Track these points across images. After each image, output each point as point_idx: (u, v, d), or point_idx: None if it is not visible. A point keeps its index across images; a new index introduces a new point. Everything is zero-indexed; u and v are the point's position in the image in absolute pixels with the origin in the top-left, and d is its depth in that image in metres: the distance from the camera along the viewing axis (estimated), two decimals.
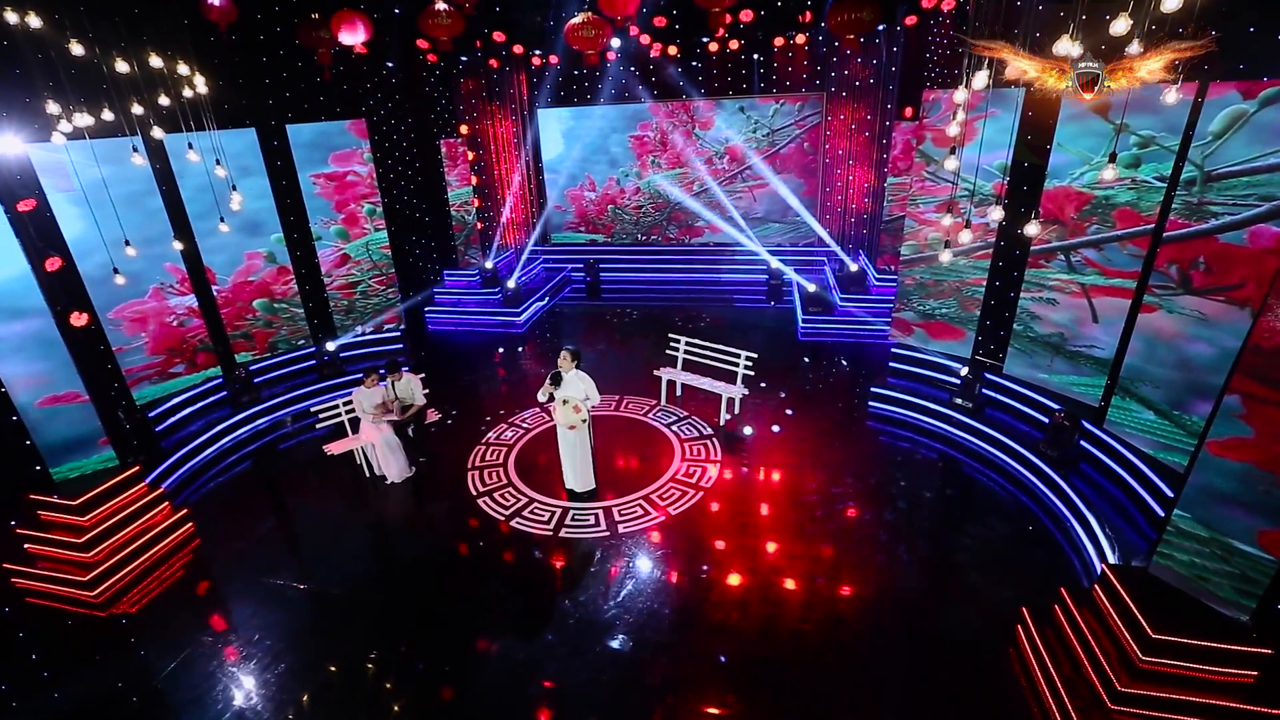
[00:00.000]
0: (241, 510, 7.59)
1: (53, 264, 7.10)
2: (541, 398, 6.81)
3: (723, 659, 5.16)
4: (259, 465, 8.46)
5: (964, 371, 7.99)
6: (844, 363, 10.58)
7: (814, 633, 5.37)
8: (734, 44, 12.67)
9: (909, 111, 10.84)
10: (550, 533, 6.72)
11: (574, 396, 6.77)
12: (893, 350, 9.05)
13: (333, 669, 5.25)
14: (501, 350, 11.96)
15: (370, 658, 5.34)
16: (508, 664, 5.22)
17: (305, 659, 5.36)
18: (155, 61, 5.70)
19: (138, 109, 6.00)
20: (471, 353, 12.02)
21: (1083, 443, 6.85)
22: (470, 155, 13.85)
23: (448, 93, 13.39)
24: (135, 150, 5.70)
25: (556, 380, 6.79)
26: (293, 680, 5.18)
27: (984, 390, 7.97)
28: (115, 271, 6.46)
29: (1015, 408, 7.83)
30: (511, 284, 13.18)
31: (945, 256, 5.37)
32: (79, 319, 7.20)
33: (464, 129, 13.68)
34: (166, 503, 7.12)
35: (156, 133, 5.91)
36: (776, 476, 7.55)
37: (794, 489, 7.29)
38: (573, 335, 12.71)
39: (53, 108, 5.35)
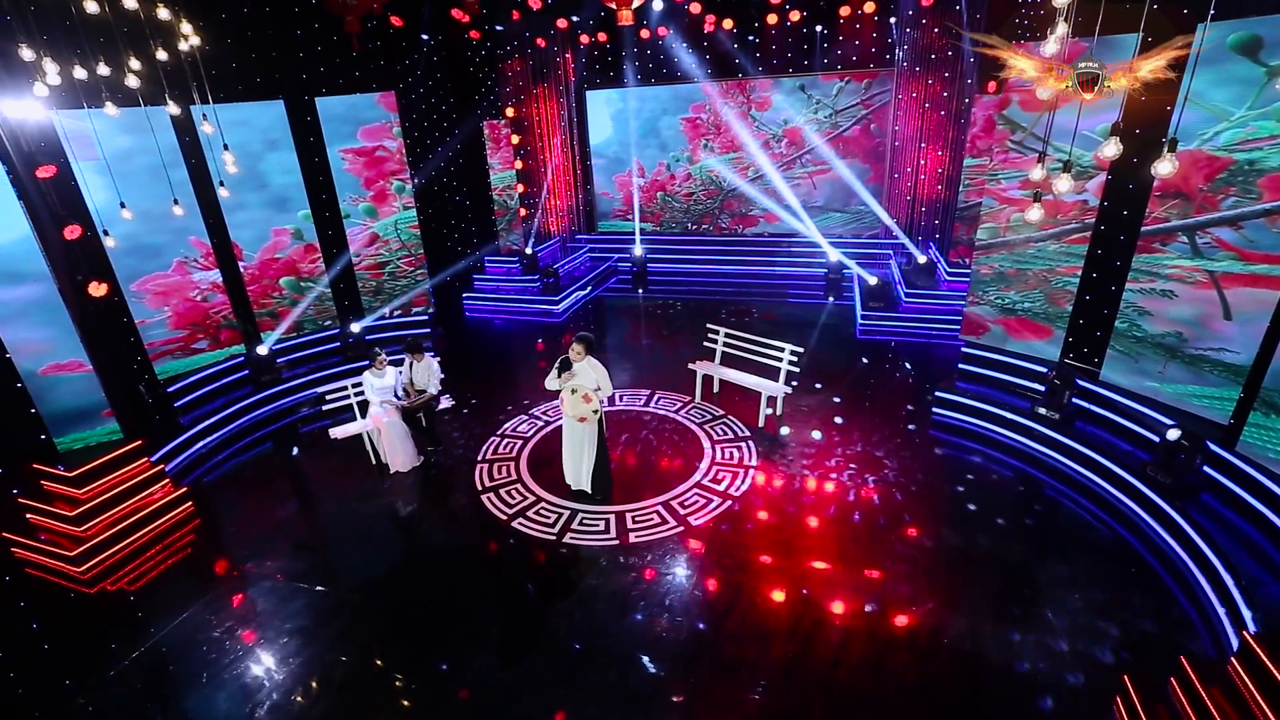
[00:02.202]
0: (244, 493, 7.29)
1: (72, 232, 6.99)
2: (551, 385, 6.14)
3: (734, 703, 4.28)
4: (272, 447, 8.17)
5: (1050, 376, 6.73)
6: (907, 365, 9.39)
7: (849, 681, 4.40)
8: (794, 15, 11.66)
9: (992, 86, 9.54)
10: (553, 537, 6.01)
11: (584, 385, 6.03)
12: (963, 350, 7.84)
13: (294, 673, 4.71)
14: (536, 340, 11.39)
15: (335, 663, 4.77)
16: (481, 686, 4.53)
17: (269, 659, 4.85)
18: (153, 14, 5.30)
19: (119, 65, 5.65)
20: (505, 341, 11.53)
21: (1206, 468, 5.53)
22: (515, 139, 13.40)
23: (493, 74, 12.99)
24: (108, 102, 5.34)
25: (566, 366, 6.09)
26: (252, 680, 4.67)
27: (1074, 399, 6.69)
28: (105, 234, 6.20)
29: (1114, 422, 6.53)
30: (552, 271, 12.59)
31: (1034, 214, 4.28)
32: (98, 288, 7.07)
33: (510, 111, 13.23)
34: (167, 480, 6.88)
35: (132, 81, 5.52)
36: (818, 488, 6.55)
37: (838, 504, 6.28)
38: (613, 327, 12.02)
39: (28, 54, 5.04)
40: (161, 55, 5.78)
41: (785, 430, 7.62)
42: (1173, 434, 5.59)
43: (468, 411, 8.55)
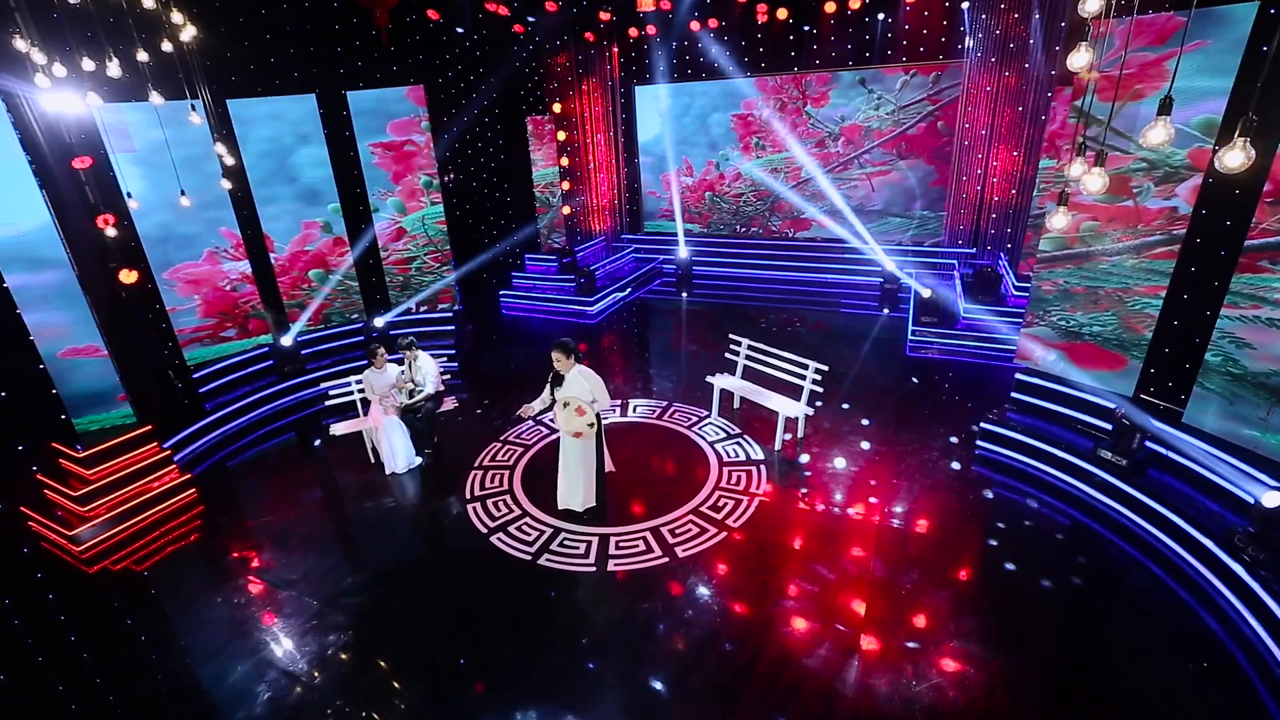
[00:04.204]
0: (245, 483, 7.37)
1: (106, 221, 7.22)
2: (533, 407, 5.76)
3: None
4: (282, 440, 8.19)
5: (1120, 414, 5.69)
6: (961, 387, 8.39)
7: None
8: (854, 2, 10.76)
9: (1078, 79, 8.37)
10: (529, 557, 5.60)
11: (576, 398, 5.58)
12: (1017, 377, 6.85)
13: (239, 678, 4.53)
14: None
15: (275, 679, 4.55)
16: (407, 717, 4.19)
17: (221, 666, 4.70)
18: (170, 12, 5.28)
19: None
20: (534, 342, 11.27)
21: None
22: (561, 135, 13.15)
23: (540, 68, 12.79)
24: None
25: (558, 381, 5.68)
26: (196, 678, 4.55)
27: (1149, 444, 5.63)
28: (107, 222, 6.31)
29: (1198, 474, 5.43)
30: (585, 272, 12.26)
31: (1058, 221, 3.47)
32: (129, 276, 7.29)
33: (556, 107, 12.99)
34: (174, 466, 6.99)
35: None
36: (831, 528, 5.82)
37: (851, 548, 5.54)
38: (649, 330, 11.54)
39: (21, 44, 5.11)
40: (167, 48, 5.77)
41: (804, 456, 6.91)
42: (1272, 498, 4.53)
43: (464, 416, 8.28)
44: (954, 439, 7.09)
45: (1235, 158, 2.27)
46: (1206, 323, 5.46)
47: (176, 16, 5.26)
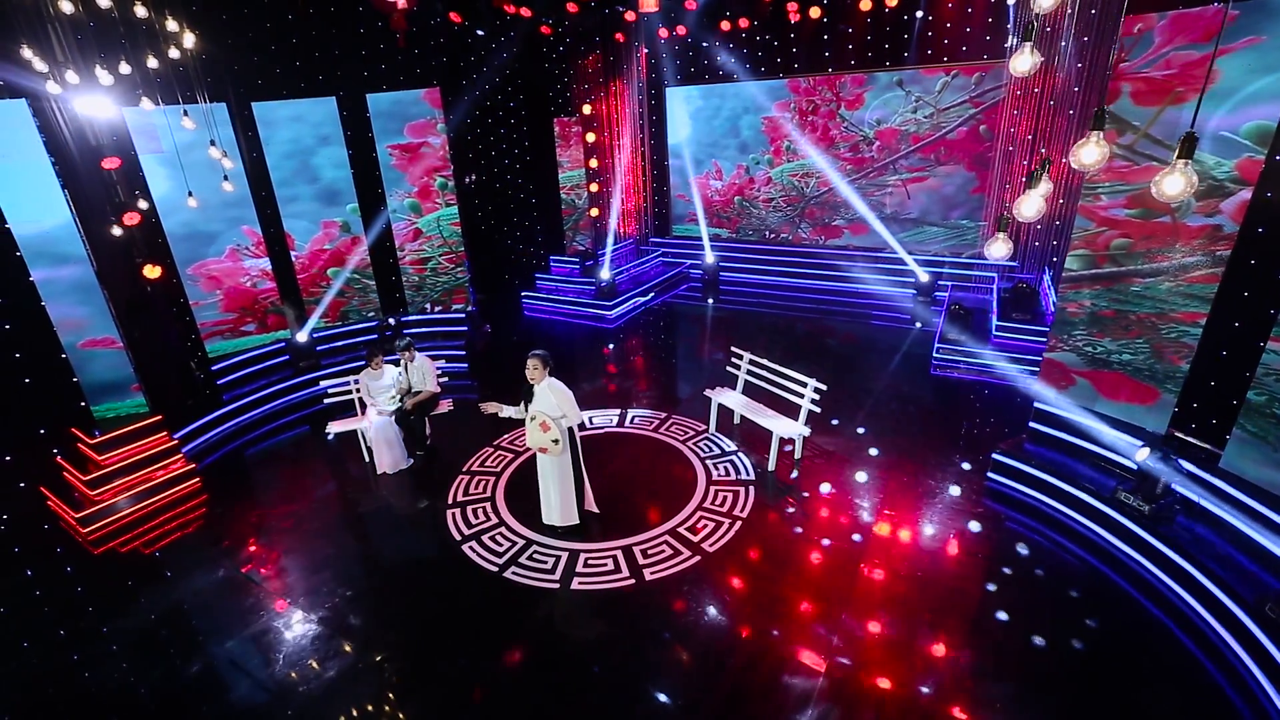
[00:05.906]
0: (245, 476, 7.55)
1: (131, 218, 7.56)
2: (502, 408, 5.63)
3: None
4: (288, 434, 8.35)
5: (1143, 455, 5.10)
6: (983, 411, 7.82)
7: None
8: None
9: (1114, 81, 7.64)
10: (496, 569, 5.49)
11: (544, 412, 5.42)
12: (1035, 405, 6.28)
13: (187, 680, 4.60)
14: (584, 347, 10.92)
15: (225, 677, 4.59)
16: None
17: (177, 659, 4.79)
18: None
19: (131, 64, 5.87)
20: (550, 344, 11.20)
21: None
22: (589, 138, 13.07)
23: (571, 69, 12.74)
24: (118, 95, 5.57)
25: (530, 395, 5.54)
26: (157, 675, 4.64)
27: (1177, 488, 5.03)
28: (111, 222, 6.57)
29: (1233, 528, 4.80)
30: (605, 275, 12.13)
31: (997, 249, 3.05)
32: (153, 271, 7.61)
33: (586, 108, 12.93)
34: (180, 455, 7.24)
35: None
36: (813, 561, 5.47)
37: (838, 585, 5.17)
38: (669, 337, 11.30)
39: (27, 52, 5.34)
40: (173, 54, 5.95)
41: (797, 478, 6.55)
42: None
43: (464, 418, 8.23)
44: (966, 466, 6.58)
45: (1174, 183, 1.86)
46: (1251, 354, 4.83)
47: (176, 25, 5.39)
